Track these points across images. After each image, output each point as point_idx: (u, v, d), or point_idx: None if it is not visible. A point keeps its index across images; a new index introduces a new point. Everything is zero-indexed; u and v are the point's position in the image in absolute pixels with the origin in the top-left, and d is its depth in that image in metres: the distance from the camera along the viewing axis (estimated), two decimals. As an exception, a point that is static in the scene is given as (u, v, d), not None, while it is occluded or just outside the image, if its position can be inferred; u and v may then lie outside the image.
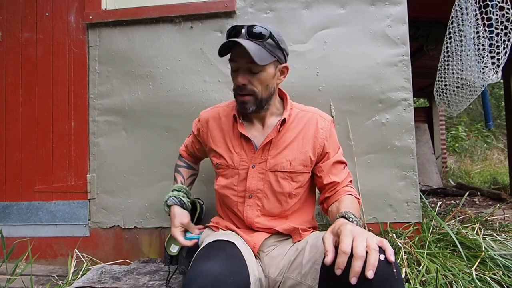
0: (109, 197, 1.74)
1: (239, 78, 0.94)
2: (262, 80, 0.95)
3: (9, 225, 1.79)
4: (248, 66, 0.92)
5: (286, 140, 1.02)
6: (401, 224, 1.58)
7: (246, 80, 0.94)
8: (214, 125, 1.11)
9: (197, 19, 1.72)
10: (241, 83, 0.94)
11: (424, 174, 4.59)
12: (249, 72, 0.93)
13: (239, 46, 0.89)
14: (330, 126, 1.06)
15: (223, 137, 1.08)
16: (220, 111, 1.13)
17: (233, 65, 0.96)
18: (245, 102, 0.96)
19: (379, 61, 1.62)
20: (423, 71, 4.66)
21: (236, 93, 0.99)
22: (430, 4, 2.84)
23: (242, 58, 0.91)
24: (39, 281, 1.54)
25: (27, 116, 1.83)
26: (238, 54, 0.92)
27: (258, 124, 1.06)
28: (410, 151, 1.59)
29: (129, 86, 1.75)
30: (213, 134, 1.10)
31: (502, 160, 7.17)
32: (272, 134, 1.00)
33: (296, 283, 0.85)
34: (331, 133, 1.05)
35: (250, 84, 0.94)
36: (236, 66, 0.95)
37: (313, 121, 1.04)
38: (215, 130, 1.10)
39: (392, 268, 0.63)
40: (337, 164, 1.04)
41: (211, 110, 1.16)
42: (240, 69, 0.94)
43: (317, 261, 0.81)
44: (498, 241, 1.43)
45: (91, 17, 1.76)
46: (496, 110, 10.42)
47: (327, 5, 1.66)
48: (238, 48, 0.90)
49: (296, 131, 1.03)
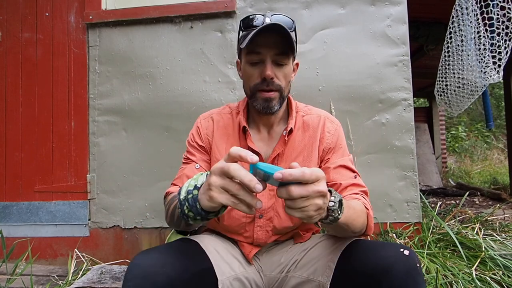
0: (109, 197, 1.74)
1: (268, 70, 0.81)
2: (287, 74, 0.85)
3: (9, 225, 1.79)
4: (275, 58, 0.82)
5: (295, 150, 0.92)
6: (401, 224, 1.58)
7: (274, 74, 0.83)
8: (218, 136, 0.95)
9: (197, 19, 1.72)
10: (270, 75, 0.81)
11: (424, 174, 4.59)
12: (275, 64, 0.83)
13: (267, 34, 0.78)
14: (339, 130, 0.96)
15: (226, 146, 0.93)
16: (218, 119, 0.97)
17: (256, 57, 0.83)
18: (271, 99, 0.84)
19: (379, 61, 1.62)
20: (423, 71, 4.66)
21: (256, 89, 0.85)
22: (430, 4, 2.84)
23: (269, 48, 0.81)
24: (39, 281, 1.54)
25: (27, 116, 1.83)
26: (264, 44, 0.81)
27: (265, 132, 0.95)
28: (410, 151, 1.59)
29: (129, 86, 1.75)
30: (220, 147, 0.94)
31: (502, 160, 7.17)
32: (279, 147, 0.91)
33: (303, 280, 0.82)
34: (338, 137, 0.94)
35: (277, 78, 0.84)
36: (260, 57, 0.83)
37: (320, 124, 0.95)
38: (220, 142, 0.94)
39: (416, 262, 0.64)
40: (342, 169, 0.89)
41: (209, 117, 0.99)
42: (266, 61, 0.82)
43: (331, 259, 0.77)
44: (498, 241, 1.43)
45: (91, 17, 1.76)
46: (496, 110, 10.42)
47: (327, 5, 1.66)
48: (264, 37, 0.79)
49: (304, 138, 0.94)
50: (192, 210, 0.61)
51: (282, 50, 0.81)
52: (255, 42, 0.80)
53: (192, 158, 0.94)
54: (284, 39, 0.79)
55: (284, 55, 0.82)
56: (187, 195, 0.62)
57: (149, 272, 0.63)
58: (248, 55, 0.84)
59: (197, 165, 0.92)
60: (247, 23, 0.84)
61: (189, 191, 0.62)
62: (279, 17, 0.82)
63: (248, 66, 0.86)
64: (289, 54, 0.83)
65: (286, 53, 0.82)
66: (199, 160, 0.93)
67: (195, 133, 0.97)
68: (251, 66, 0.85)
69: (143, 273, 0.63)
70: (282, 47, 0.81)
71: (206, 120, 0.98)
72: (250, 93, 0.88)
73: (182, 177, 0.90)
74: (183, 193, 0.63)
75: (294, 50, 0.82)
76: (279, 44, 0.81)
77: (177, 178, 0.92)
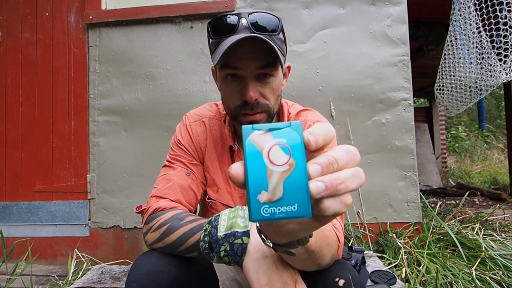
0: (109, 197, 1.74)
1: (249, 91, 0.64)
2: (275, 89, 0.68)
3: (9, 225, 1.79)
4: (258, 72, 0.64)
5: None
6: (401, 224, 1.58)
7: (258, 94, 0.66)
8: (210, 149, 0.80)
9: (197, 19, 1.72)
10: (254, 98, 0.64)
11: (424, 174, 4.59)
12: (258, 80, 0.66)
13: (245, 44, 0.60)
14: None
15: (218, 164, 0.79)
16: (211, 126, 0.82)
17: (231, 72, 0.65)
18: (257, 122, 0.67)
19: (379, 61, 1.62)
20: (423, 71, 4.67)
21: (239, 113, 0.68)
22: (430, 4, 2.84)
23: (250, 61, 0.63)
24: (39, 281, 1.53)
25: (27, 116, 1.83)
26: (243, 56, 0.63)
27: None
28: (410, 151, 1.59)
29: (129, 86, 1.75)
30: (213, 164, 0.79)
31: (502, 160, 7.17)
32: None
33: None
34: None
35: (263, 97, 0.67)
36: (239, 73, 0.65)
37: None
38: (213, 158, 0.79)
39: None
40: None
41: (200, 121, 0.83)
42: (246, 78, 0.65)
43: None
44: (498, 241, 1.43)
45: (91, 17, 1.76)
46: (496, 110, 10.43)
47: (327, 5, 1.66)
48: (242, 46, 0.61)
49: None
50: (233, 257, 0.50)
51: (267, 61, 0.63)
52: (231, 53, 0.61)
53: (178, 164, 0.78)
54: (268, 46, 0.61)
55: (271, 66, 0.65)
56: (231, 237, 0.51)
57: (153, 271, 0.62)
58: (223, 70, 0.66)
59: (187, 172, 0.76)
60: (217, 27, 0.64)
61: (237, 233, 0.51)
62: (259, 15, 0.63)
63: (224, 82, 0.67)
64: (276, 64, 0.65)
65: (273, 64, 0.64)
66: (189, 165, 0.77)
67: (186, 136, 0.80)
68: (229, 82, 0.67)
69: (147, 273, 0.61)
70: (267, 56, 0.63)
71: (197, 124, 0.82)
72: (230, 115, 0.71)
73: (174, 187, 0.73)
74: (223, 229, 0.52)
75: (281, 59, 0.64)
76: (263, 54, 0.63)
77: (165, 189, 0.74)
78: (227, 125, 0.79)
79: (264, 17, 0.63)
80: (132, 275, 0.62)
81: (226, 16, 0.63)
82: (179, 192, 0.73)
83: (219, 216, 0.55)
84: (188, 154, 0.79)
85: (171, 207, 0.70)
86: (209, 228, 0.55)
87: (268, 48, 0.62)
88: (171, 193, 0.73)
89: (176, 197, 0.73)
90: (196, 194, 0.76)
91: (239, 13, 0.63)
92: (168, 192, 0.73)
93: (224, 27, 0.63)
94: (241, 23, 0.62)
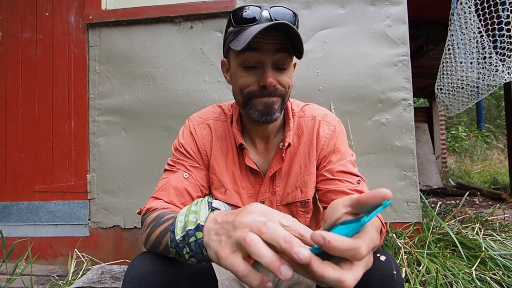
0: (109, 197, 1.74)
1: (269, 76, 0.67)
2: (290, 78, 0.73)
3: (9, 225, 1.79)
4: (275, 61, 0.69)
5: (293, 163, 0.81)
6: (401, 224, 1.58)
7: (276, 81, 0.69)
8: (217, 150, 0.81)
9: (197, 19, 1.72)
10: (273, 83, 0.68)
11: (424, 174, 4.59)
12: (276, 68, 0.70)
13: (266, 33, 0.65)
14: (336, 132, 0.83)
15: (225, 165, 0.81)
16: (215, 127, 0.83)
17: (252, 60, 0.68)
18: (273, 104, 0.70)
19: (379, 61, 1.62)
20: (423, 71, 4.67)
21: (254, 96, 0.70)
22: (430, 4, 2.84)
23: (270, 50, 0.67)
24: (39, 281, 1.54)
25: (27, 116, 1.83)
26: (264, 44, 0.67)
27: (261, 144, 0.82)
28: (410, 151, 1.59)
29: (129, 86, 1.75)
30: (220, 165, 0.80)
31: (502, 160, 7.16)
32: (276, 164, 0.79)
33: (294, 282, 0.84)
34: (337, 139, 0.81)
35: (280, 85, 0.70)
36: (259, 60, 0.68)
37: (315, 128, 0.81)
38: (220, 159, 0.81)
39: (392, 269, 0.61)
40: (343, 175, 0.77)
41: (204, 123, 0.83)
42: (265, 65, 0.68)
43: None
44: (498, 241, 1.43)
45: (91, 17, 1.76)
46: (496, 110, 10.43)
47: (327, 5, 1.66)
48: (264, 36, 0.66)
49: (300, 147, 0.81)
50: (196, 256, 0.47)
51: (286, 52, 0.68)
52: (254, 41, 0.65)
53: (178, 166, 0.78)
54: (288, 37, 0.67)
55: (288, 57, 0.70)
56: (186, 237, 0.47)
57: (149, 272, 0.61)
58: (242, 57, 0.69)
59: (185, 174, 0.77)
60: (239, 16, 0.69)
61: (190, 232, 0.47)
62: (279, 9, 0.68)
63: (241, 70, 0.70)
64: (291, 56, 0.70)
65: (290, 54, 0.69)
66: (189, 168, 0.78)
67: (189, 140, 0.81)
68: (246, 71, 0.70)
69: (143, 274, 0.61)
70: (287, 47, 0.68)
71: (201, 127, 0.82)
72: (243, 100, 0.72)
73: (168, 189, 0.74)
74: (179, 231, 0.49)
75: (302, 51, 0.68)
76: (282, 44, 0.67)
77: (160, 190, 0.75)
78: (235, 124, 0.80)
79: (283, 10, 0.69)
80: (128, 276, 0.62)
81: (249, 6, 0.69)
82: (173, 194, 0.75)
83: (176, 218, 0.51)
84: (190, 158, 0.80)
85: (162, 208, 0.70)
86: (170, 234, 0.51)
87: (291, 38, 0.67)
88: (165, 194, 0.75)
89: (169, 199, 0.74)
90: (193, 196, 0.76)
91: (261, 5, 0.69)
92: (162, 193, 0.75)
93: (248, 17, 0.68)
94: (263, 14, 0.67)
